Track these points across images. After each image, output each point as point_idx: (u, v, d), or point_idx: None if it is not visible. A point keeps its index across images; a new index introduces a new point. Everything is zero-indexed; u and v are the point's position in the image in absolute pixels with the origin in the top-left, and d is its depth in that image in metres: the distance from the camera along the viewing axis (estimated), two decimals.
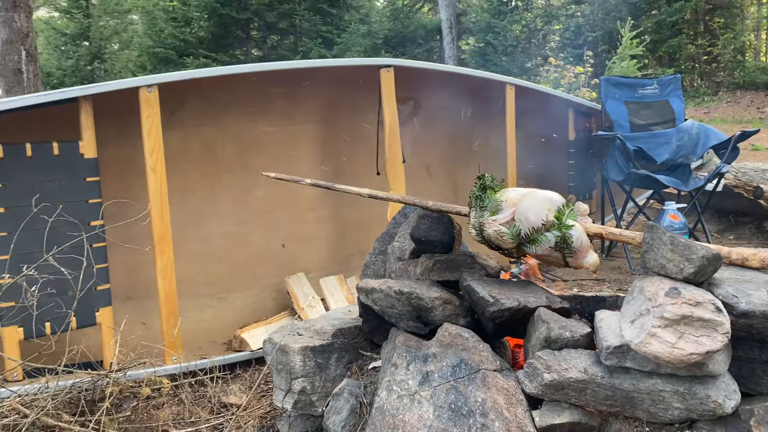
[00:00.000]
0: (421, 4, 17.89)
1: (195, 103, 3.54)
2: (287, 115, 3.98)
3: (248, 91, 3.70)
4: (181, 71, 3.05)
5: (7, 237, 2.59)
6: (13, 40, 6.70)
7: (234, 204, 3.86)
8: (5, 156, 2.63)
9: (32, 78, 6.85)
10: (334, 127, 4.19)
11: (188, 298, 3.46)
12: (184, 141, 3.53)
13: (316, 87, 3.96)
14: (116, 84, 2.84)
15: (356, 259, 4.28)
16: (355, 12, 12.66)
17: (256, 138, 3.88)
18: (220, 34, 12.58)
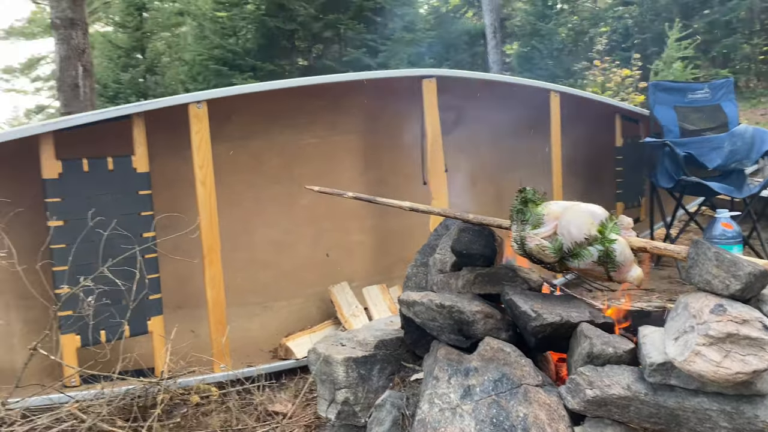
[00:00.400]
0: (465, 10, 17.84)
1: (242, 117, 3.63)
2: (331, 127, 4.04)
3: (293, 103, 3.77)
4: (228, 87, 3.15)
5: (66, 249, 2.72)
6: (70, 57, 6.99)
7: (280, 214, 3.94)
8: (64, 171, 2.76)
9: (88, 92, 7.13)
10: (377, 137, 4.23)
11: (235, 307, 3.54)
12: (231, 153, 3.62)
13: (358, 98, 4.01)
14: (167, 101, 2.95)
15: (399, 268, 4.29)
16: (399, 20, 12.69)
17: (301, 149, 3.95)
18: (267, 44, 12.81)
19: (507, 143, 4.88)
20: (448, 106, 4.14)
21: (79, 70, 7.00)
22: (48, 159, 2.72)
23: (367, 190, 4.21)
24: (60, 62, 7.03)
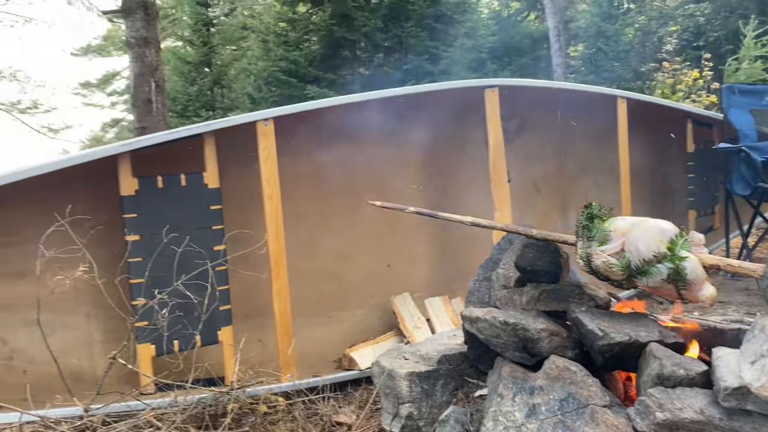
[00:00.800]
0: (527, 13, 17.59)
1: (306, 131, 3.72)
2: (392, 138, 4.08)
3: (354, 116, 3.83)
4: (293, 105, 3.23)
5: (142, 262, 2.86)
6: (144, 73, 7.33)
7: (343, 226, 4.00)
8: (140, 188, 2.91)
9: (160, 107, 7.45)
10: (439, 147, 4.24)
11: (301, 317, 3.61)
12: (296, 166, 3.70)
13: (420, 109, 4.03)
14: (236, 119, 3.07)
15: (461, 279, 4.27)
16: (461, 27, 12.65)
17: (363, 161, 4.00)
18: (329, 54, 13.02)
19: (571, 151, 4.80)
20: (510, 114, 4.12)
21: (152, 86, 7.32)
22: (125, 176, 2.87)
23: (429, 201, 4.23)
24: (134, 79, 7.39)
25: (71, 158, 2.73)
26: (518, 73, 15.53)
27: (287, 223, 3.24)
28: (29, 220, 2.89)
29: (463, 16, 13.30)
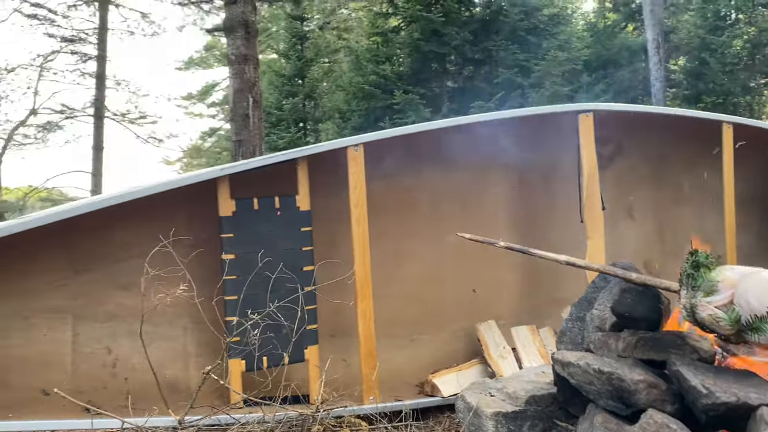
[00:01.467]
0: (625, 25, 16.95)
1: (393, 154, 3.74)
2: (480, 162, 4.03)
3: (442, 140, 3.82)
4: (383, 131, 3.27)
5: (237, 280, 2.97)
6: (242, 89, 7.64)
7: (429, 248, 3.99)
8: (237, 209, 3.03)
9: (256, 122, 7.74)
10: (529, 172, 4.15)
11: (384, 339, 3.63)
12: (384, 189, 3.73)
13: (510, 133, 3.96)
14: (328, 145, 3.14)
15: (549, 308, 4.15)
16: (554, 39, 12.36)
17: (451, 184, 3.98)
18: (418, 68, 13.09)
19: (670, 177, 4.57)
20: (605, 138, 3.97)
21: (250, 101, 7.62)
22: (224, 198, 3.00)
23: (519, 226, 4.15)
24: (233, 94, 7.71)
25: (175, 181, 2.89)
26: (614, 86, 14.98)
27: (374, 245, 3.27)
28: (135, 238, 3.08)
29: (556, 28, 13.00)
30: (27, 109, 11.75)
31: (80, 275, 3.09)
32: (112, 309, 3.20)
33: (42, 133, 11.93)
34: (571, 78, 13.18)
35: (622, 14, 16.94)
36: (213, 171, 2.96)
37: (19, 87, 11.82)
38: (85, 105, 12.17)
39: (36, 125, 11.81)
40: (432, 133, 3.43)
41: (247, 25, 7.42)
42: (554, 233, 4.10)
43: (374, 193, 3.38)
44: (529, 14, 12.17)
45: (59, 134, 12.07)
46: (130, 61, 12.60)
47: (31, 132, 11.75)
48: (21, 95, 11.79)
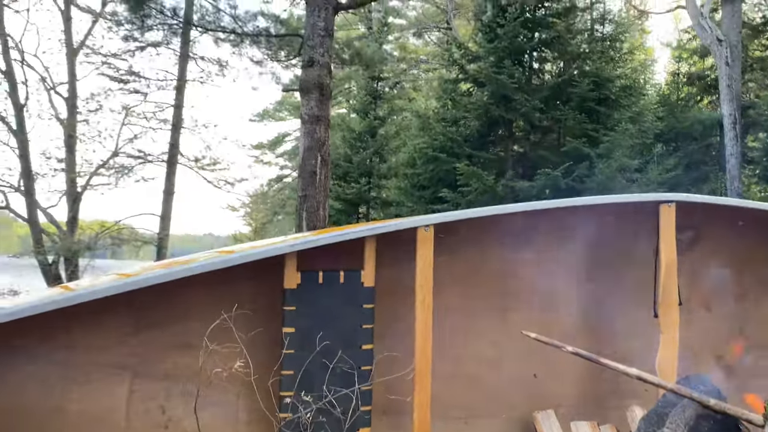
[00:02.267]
0: (700, 98, 16.59)
1: (461, 229, 3.70)
2: (550, 243, 3.94)
3: (512, 218, 3.76)
4: (454, 212, 3.25)
5: (294, 355, 2.95)
6: (312, 148, 7.84)
7: (490, 327, 3.88)
8: (302, 282, 3.03)
9: (323, 179, 7.89)
10: (600, 257, 4.01)
11: (438, 420, 3.51)
12: (450, 264, 3.67)
13: (581, 216, 3.87)
14: (398, 224, 3.13)
15: (612, 399, 3.95)
16: (625, 110, 12.20)
17: (517, 264, 3.90)
18: (485, 132, 13.14)
19: (753, 269, 4.32)
20: (683, 224, 3.82)
21: (318, 160, 7.80)
22: (290, 271, 3.01)
23: (586, 313, 4.00)
24: (303, 152, 7.92)
25: (244, 256, 2.91)
26: (686, 160, 14.59)
27: (435, 323, 3.20)
28: (198, 301, 3.12)
29: (628, 99, 12.84)
30: (108, 151, 12.42)
31: (141, 333, 3.14)
32: (168, 368, 3.23)
33: (118, 175, 12.55)
34: (642, 151, 12.93)
35: (696, 87, 16.61)
36: (282, 247, 2.99)
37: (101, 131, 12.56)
38: (161, 151, 12.79)
39: (114, 167, 12.45)
40: (503, 216, 3.38)
41: (321, 87, 7.66)
42: (623, 323, 3.94)
43: (439, 269, 3.33)
44: (600, 85, 12.08)
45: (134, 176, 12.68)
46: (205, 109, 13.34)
47: (109, 173, 12.39)
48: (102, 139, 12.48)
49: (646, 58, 16.78)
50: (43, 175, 12.08)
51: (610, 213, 3.85)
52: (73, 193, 11.75)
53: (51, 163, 12.16)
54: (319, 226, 7.85)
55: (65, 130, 12.01)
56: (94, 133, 12.47)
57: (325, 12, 7.74)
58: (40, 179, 11.96)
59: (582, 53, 12.66)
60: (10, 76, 11.65)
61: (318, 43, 7.76)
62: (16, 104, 11.68)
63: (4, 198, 11.99)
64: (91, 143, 12.43)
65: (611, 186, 10.97)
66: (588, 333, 3.97)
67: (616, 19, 13.45)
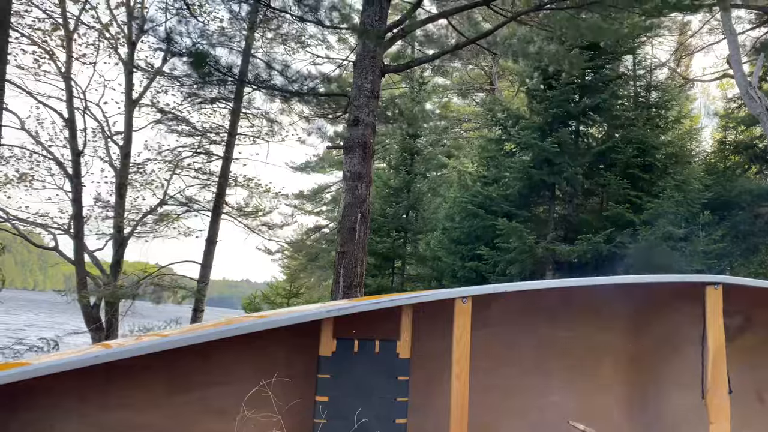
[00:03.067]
0: (747, 167, 16.25)
1: (499, 305, 3.64)
2: (591, 322, 3.84)
3: (551, 295, 3.69)
4: (493, 285, 3.21)
5: (326, 425, 2.90)
6: (353, 204, 7.90)
7: (528, 407, 3.76)
8: (337, 350, 3.01)
9: (362, 236, 7.91)
10: (642, 339, 3.89)
11: None
12: (486, 340, 3.61)
13: (624, 295, 3.77)
14: (436, 294, 3.10)
15: None
16: (671, 178, 12.04)
17: (556, 342, 3.80)
18: (526, 193, 13.10)
19: None
20: (731, 309, 3.67)
21: (358, 216, 7.85)
22: (326, 337, 3.00)
23: (628, 395, 3.85)
24: (344, 208, 7.98)
25: (281, 320, 2.92)
26: (733, 230, 14.21)
27: (472, 398, 3.11)
28: (233, 365, 3.12)
29: (674, 167, 12.68)
30: (157, 198, 12.79)
31: (176, 395, 3.15)
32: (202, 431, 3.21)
33: (164, 222, 12.87)
34: (689, 220, 12.68)
35: (744, 156, 16.31)
36: (319, 312, 2.98)
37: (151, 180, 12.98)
38: (206, 200, 13.09)
39: (161, 214, 12.79)
40: (543, 291, 3.32)
41: (365, 146, 7.79)
42: (669, 408, 3.77)
43: (477, 343, 3.27)
44: (645, 152, 11.99)
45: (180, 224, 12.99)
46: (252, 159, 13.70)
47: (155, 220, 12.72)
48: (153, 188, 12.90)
49: (692, 126, 16.61)
50: (93, 219, 12.50)
51: (654, 291, 3.75)
52: (119, 238, 12.08)
53: (101, 208, 12.60)
54: (356, 283, 7.83)
55: (117, 177, 12.46)
56: (144, 181, 12.91)
57: (371, 74, 7.93)
58: (90, 222, 12.38)
59: (627, 120, 12.64)
60: (71, 123, 12.22)
61: (364, 103, 7.92)
62: (74, 150, 12.20)
63: (54, 239, 12.40)
64: (142, 191, 12.86)
65: (655, 254, 10.72)
66: (632, 413, 3.81)
67: (662, 86, 13.44)
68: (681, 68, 19.10)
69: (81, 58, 12.62)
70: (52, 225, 12.28)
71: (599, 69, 12.30)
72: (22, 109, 22.09)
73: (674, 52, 18.32)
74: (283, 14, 9.57)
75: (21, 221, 12.13)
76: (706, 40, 18.51)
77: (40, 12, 12.07)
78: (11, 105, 24.22)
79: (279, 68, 9.76)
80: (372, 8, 8.09)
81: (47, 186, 12.44)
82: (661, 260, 10.56)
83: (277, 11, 9.44)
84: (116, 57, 12.90)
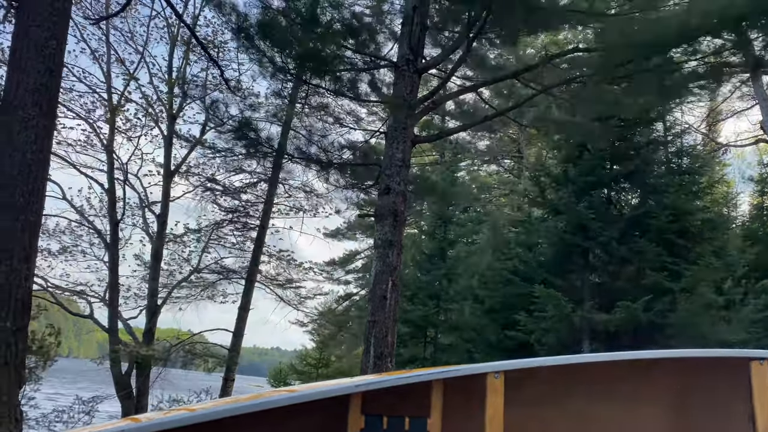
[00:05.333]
0: None
1: (534, 381, 3.53)
2: (632, 398, 3.68)
3: (589, 370, 3.57)
4: (526, 359, 3.11)
5: None
6: (384, 272, 7.90)
7: None
8: (366, 427, 2.94)
9: (393, 304, 7.86)
10: (686, 415, 3.70)
11: None
12: (521, 419, 3.48)
13: (667, 369, 3.63)
14: (467, 369, 3.02)
15: None
16: (708, 244, 11.77)
17: (596, 420, 3.63)
18: (561, 260, 12.95)
19: None
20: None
21: (389, 284, 7.83)
22: (354, 414, 2.93)
23: None
24: (375, 276, 7.98)
25: (308, 395, 2.86)
26: None
27: None
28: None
29: (711, 233, 12.41)
30: (191, 267, 13.00)
31: None
32: None
33: (198, 291, 13.03)
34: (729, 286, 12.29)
35: None
36: (347, 387, 2.93)
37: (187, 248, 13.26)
38: (240, 267, 13.25)
39: (195, 283, 12.97)
40: (578, 366, 3.22)
41: (396, 214, 7.85)
42: None
43: (511, 421, 3.16)
44: (679, 217, 11.79)
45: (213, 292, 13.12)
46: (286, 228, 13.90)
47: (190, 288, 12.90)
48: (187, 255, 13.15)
49: (728, 191, 16.38)
50: (128, 288, 12.74)
51: (698, 365, 3.60)
52: (152, 306, 12.24)
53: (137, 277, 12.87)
54: (387, 353, 7.73)
55: (153, 246, 12.75)
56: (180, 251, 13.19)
57: (402, 145, 8.09)
58: (125, 291, 12.63)
59: (660, 186, 12.54)
60: (111, 194, 12.67)
61: (395, 172, 8.05)
62: (113, 220, 12.59)
63: (90, 307, 12.64)
64: (177, 259, 13.12)
65: (697, 324, 10.36)
66: None
67: (695, 152, 13.36)
68: (713, 134, 19.00)
69: (124, 132, 13.20)
70: (88, 293, 12.54)
71: (630, 136, 12.31)
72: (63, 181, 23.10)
73: (705, 118, 18.28)
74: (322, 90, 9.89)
75: (59, 289, 12.43)
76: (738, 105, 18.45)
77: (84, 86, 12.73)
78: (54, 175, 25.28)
79: (316, 140, 10.05)
80: (403, 82, 8.34)
81: (87, 256, 12.80)
82: (703, 329, 10.20)
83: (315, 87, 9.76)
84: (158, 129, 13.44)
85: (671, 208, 11.77)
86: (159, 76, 13.03)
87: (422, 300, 14.51)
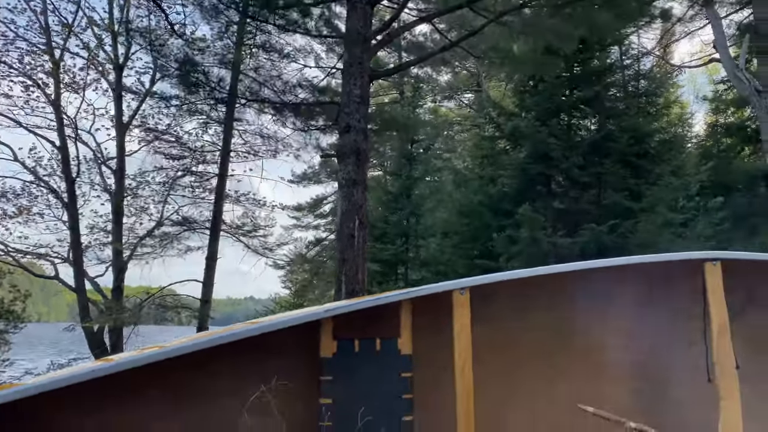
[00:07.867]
0: (740, 149, 16.25)
1: (500, 298, 3.61)
2: (592, 308, 3.80)
3: (551, 283, 3.65)
4: (490, 274, 3.16)
5: (333, 427, 2.86)
6: (350, 211, 7.89)
7: (534, 399, 3.72)
8: (338, 351, 2.98)
9: (361, 242, 7.89)
10: (647, 320, 3.85)
11: None
12: (489, 332, 3.57)
13: (625, 277, 3.74)
14: (434, 288, 3.07)
15: None
16: (666, 165, 12.02)
17: (559, 329, 3.76)
18: (524, 189, 13.09)
19: None
20: (733, 285, 3.64)
21: (356, 222, 7.83)
22: (326, 339, 2.97)
23: (636, 378, 3.81)
24: (341, 215, 7.97)
25: (280, 323, 2.87)
26: (732, 214, 14.20)
27: (476, 393, 3.07)
28: (235, 370, 3.09)
29: (669, 154, 12.67)
30: (153, 221, 12.79)
31: (178, 409, 3.11)
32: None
33: (163, 244, 12.87)
34: (686, 206, 12.64)
35: (736, 138, 16.32)
36: (317, 313, 2.95)
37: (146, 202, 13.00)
38: (204, 219, 13.08)
39: (159, 237, 12.79)
40: (541, 278, 3.29)
41: (358, 152, 7.78)
42: (679, 391, 3.73)
43: (479, 337, 3.23)
44: (639, 140, 11.98)
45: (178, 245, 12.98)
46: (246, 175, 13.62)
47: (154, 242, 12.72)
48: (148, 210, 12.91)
49: (683, 112, 16.64)
50: (91, 246, 12.50)
51: (654, 272, 3.72)
52: (119, 263, 12.06)
53: (98, 234, 12.61)
54: (358, 290, 7.80)
55: (113, 202, 12.46)
56: (140, 205, 12.93)
57: (360, 80, 7.94)
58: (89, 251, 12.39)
59: (619, 109, 12.65)
60: (63, 151, 12.25)
61: (354, 109, 7.93)
62: (68, 178, 12.22)
63: (54, 268, 12.40)
64: (138, 214, 12.87)
65: (657, 242, 10.68)
66: (646, 402, 3.76)
67: (651, 75, 13.46)
68: (667, 56, 19.13)
69: (70, 86, 12.66)
70: (51, 254, 12.28)
71: (587, 61, 12.31)
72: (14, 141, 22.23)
73: (659, 40, 18.35)
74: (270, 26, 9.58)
75: (20, 252, 12.13)
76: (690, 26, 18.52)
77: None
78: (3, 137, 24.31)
79: (268, 80, 9.79)
80: (356, 14, 8.12)
81: (46, 217, 12.47)
82: (663, 248, 10.53)
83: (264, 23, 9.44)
84: (105, 83, 12.94)
85: (631, 130, 11.93)
86: (102, 27, 12.46)
87: (391, 239, 14.63)
